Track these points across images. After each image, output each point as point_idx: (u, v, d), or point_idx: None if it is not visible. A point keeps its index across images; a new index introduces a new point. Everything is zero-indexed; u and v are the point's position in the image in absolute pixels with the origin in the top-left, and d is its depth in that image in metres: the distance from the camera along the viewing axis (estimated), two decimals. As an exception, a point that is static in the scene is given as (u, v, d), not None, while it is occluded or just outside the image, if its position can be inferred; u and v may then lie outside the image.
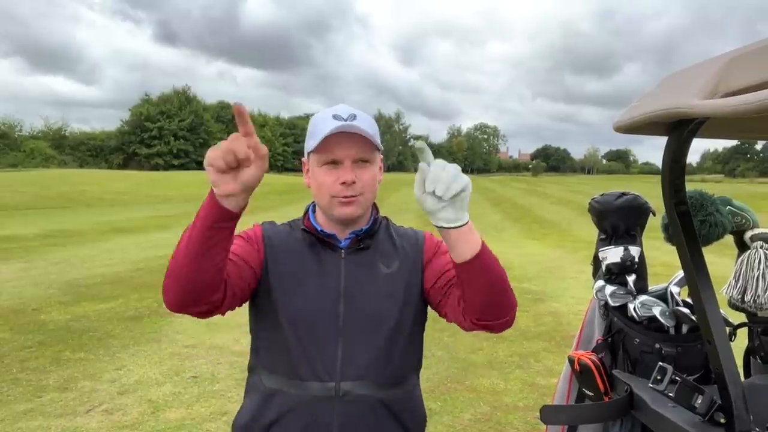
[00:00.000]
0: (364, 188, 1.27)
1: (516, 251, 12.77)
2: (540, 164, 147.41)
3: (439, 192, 1.03)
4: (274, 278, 1.29)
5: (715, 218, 1.66)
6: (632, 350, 1.68)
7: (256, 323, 1.35)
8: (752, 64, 0.93)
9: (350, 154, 1.24)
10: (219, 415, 3.82)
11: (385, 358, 1.28)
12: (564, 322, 6.43)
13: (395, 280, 1.32)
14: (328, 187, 1.26)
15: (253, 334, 1.37)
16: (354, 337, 1.26)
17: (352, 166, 1.25)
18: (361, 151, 1.26)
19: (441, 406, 4.05)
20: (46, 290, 7.65)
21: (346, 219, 1.29)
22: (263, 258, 1.30)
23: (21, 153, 63.37)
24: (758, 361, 1.82)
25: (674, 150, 1.20)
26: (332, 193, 1.26)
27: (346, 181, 1.24)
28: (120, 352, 5.17)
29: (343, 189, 1.25)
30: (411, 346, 1.36)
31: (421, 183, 1.05)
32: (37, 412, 3.87)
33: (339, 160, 1.25)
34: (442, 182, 1.03)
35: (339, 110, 1.27)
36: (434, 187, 1.03)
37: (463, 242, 1.10)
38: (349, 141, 1.23)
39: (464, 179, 1.04)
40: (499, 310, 1.19)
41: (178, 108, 79.66)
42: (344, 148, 1.24)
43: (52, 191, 28.81)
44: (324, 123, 1.24)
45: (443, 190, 1.03)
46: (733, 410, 1.19)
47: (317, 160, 1.27)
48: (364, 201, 1.29)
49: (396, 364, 1.30)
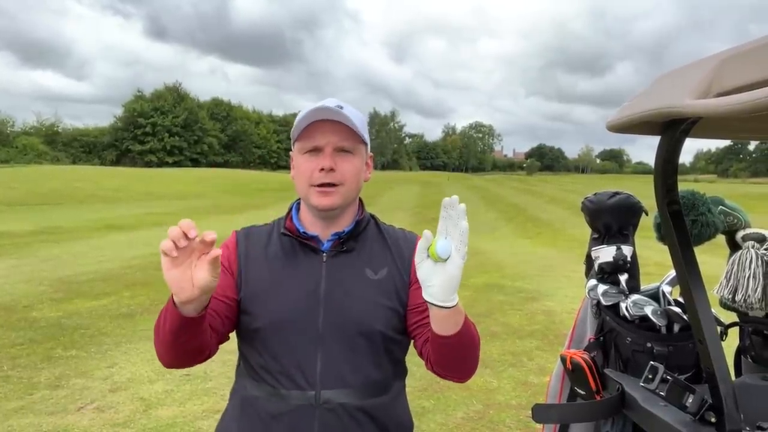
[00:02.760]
0: (344, 178, 1.24)
1: (510, 250, 12.80)
2: (534, 163, 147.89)
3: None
4: (251, 288, 1.26)
5: (707, 218, 1.66)
6: (624, 349, 1.68)
7: (239, 331, 1.32)
8: (745, 64, 0.93)
9: (331, 140, 1.23)
10: (211, 413, 3.81)
11: (368, 365, 1.24)
12: (557, 320, 6.45)
13: (382, 286, 1.28)
14: (307, 175, 1.24)
15: (237, 341, 1.34)
16: (334, 345, 1.22)
17: (332, 154, 1.23)
18: (344, 139, 1.23)
19: (434, 405, 4.06)
20: (38, 287, 7.60)
21: (324, 209, 1.25)
22: (237, 275, 1.28)
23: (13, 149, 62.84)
24: (749, 361, 1.83)
25: (667, 150, 1.20)
26: (311, 181, 1.24)
27: (324, 167, 1.22)
28: (112, 349, 5.15)
29: (321, 176, 1.22)
30: (395, 353, 1.31)
31: (422, 249, 1.04)
32: (28, 409, 3.85)
33: (320, 146, 1.23)
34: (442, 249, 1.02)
35: (327, 101, 1.25)
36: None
37: (446, 321, 1.11)
38: (332, 128, 1.22)
39: (457, 263, 1.03)
40: (463, 372, 1.25)
41: (171, 104, 79.30)
42: (325, 134, 1.22)
43: (45, 188, 28.62)
44: (308, 114, 1.22)
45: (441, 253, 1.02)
46: (724, 409, 1.20)
47: (299, 148, 1.26)
48: (345, 192, 1.25)
49: (379, 372, 1.26)
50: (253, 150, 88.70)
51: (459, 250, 1.02)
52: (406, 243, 1.36)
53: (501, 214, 23.70)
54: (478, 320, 6.42)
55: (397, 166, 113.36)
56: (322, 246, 1.29)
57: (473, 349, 1.21)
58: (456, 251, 1.02)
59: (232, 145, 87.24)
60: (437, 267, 1.04)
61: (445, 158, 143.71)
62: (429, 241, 1.03)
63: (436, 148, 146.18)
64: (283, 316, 1.23)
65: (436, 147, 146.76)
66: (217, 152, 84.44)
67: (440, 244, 1.02)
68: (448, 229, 1.02)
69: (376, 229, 1.38)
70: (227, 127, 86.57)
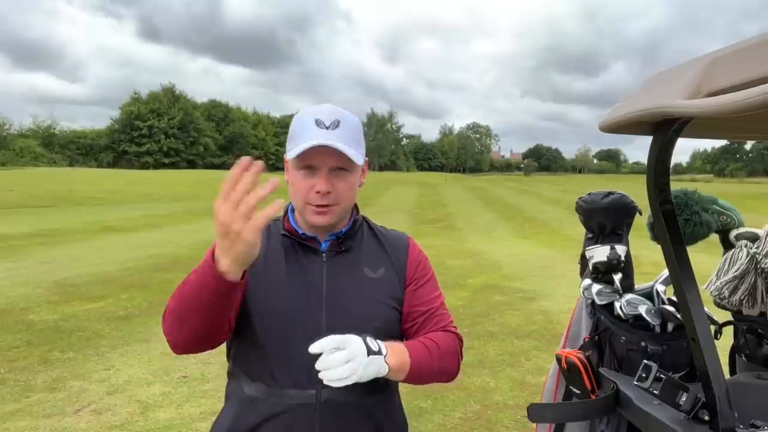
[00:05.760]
0: (339, 198, 1.25)
1: (507, 250, 12.81)
2: (531, 164, 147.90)
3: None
4: (253, 286, 1.25)
5: (700, 217, 1.67)
6: (619, 348, 1.69)
7: (236, 330, 1.29)
8: (734, 64, 0.94)
9: (328, 162, 1.22)
10: (209, 415, 3.81)
11: None
12: (554, 320, 6.46)
13: (380, 285, 1.30)
14: (303, 193, 1.24)
15: (231, 341, 1.32)
16: None
17: (328, 175, 1.22)
18: (340, 160, 1.22)
19: (432, 405, 4.06)
20: (35, 289, 7.58)
21: (320, 227, 1.28)
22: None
23: (10, 151, 62.76)
24: (743, 359, 1.84)
25: (659, 149, 1.20)
26: (306, 200, 1.24)
27: (321, 191, 1.22)
28: (109, 351, 5.14)
29: (317, 198, 1.23)
30: None
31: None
32: (25, 412, 3.84)
33: (316, 167, 1.22)
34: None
35: (323, 115, 1.22)
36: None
37: (393, 376, 1.18)
38: (328, 150, 1.20)
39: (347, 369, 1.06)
40: (441, 379, 1.32)
41: (167, 106, 79.22)
42: (322, 155, 1.20)
43: (42, 190, 28.55)
44: (303, 130, 1.21)
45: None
46: (717, 407, 1.20)
47: (294, 163, 1.25)
48: (340, 210, 1.27)
49: None
50: (250, 152, 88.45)
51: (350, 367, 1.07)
52: (400, 243, 1.39)
53: (499, 215, 23.70)
54: (476, 320, 6.44)
55: (394, 167, 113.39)
56: (321, 246, 1.31)
57: (436, 372, 1.27)
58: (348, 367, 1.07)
59: (229, 146, 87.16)
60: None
61: (443, 159, 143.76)
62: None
63: (433, 148, 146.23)
64: (285, 315, 1.24)
65: (434, 148, 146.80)
66: (214, 154, 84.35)
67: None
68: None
69: (369, 230, 1.40)
70: (224, 129, 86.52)
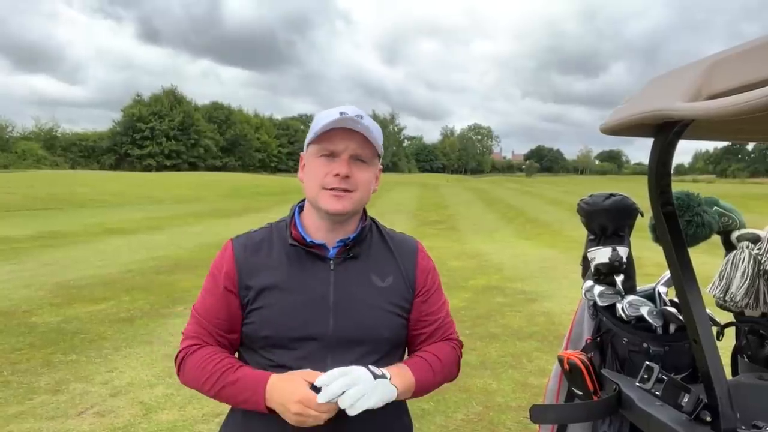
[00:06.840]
0: (358, 185, 1.25)
1: (509, 251, 12.80)
2: (533, 165, 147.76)
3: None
4: (257, 297, 1.25)
5: (702, 218, 1.67)
6: (621, 349, 1.69)
7: (243, 339, 1.30)
8: (734, 67, 0.95)
9: (350, 147, 1.23)
10: (211, 417, 3.82)
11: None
12: (556, 321, 6.46)
13: (388, 294, 1.30)
14: (320, 177, 1.24)
15: (239, 349, 1.33)
16: (344, 352, 1.23)
17: (348, 161, 1.24)
18: (361, 147, 1.24)
19: (434, 407, 4.06)
20: (37, 292, 7.60)
21: (334, 213, 1.25)
22: (238, 288, 1.27)
23: (12, 154, 62.88)
24: (745, 360, 1.84)
25: (660, 152, 1.21)
26: (323, 184, 1.24)
27: (340, 173, 1.22)
28: (112, 354, 5.15)
29: (335, 181, 1.23)
30: (399, 358, 1.35)
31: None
32: (28, 414, 3.85)
33: (337, 152, 1.23)
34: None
35: (347, 108, 1.25)
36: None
37: (400, 397, 1.24)
38: (351, 136, 1.22)
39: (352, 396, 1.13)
40: (444, 383, 1.40)
41: (168, 108, 79.33)
42: (344, 140, 1.22)
43: (44, 192, 28.59)
44: (329, 116, 1.23)
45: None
46: (719, 408, 1.21)
47: (315, 151, 1.25)
48: (356, 199, 1.26)
49: None
50: (253, 154, 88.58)
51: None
52: (409, 249, 1.39)
53: (500, 216, 23.67)
54: (478, 322, 6.43)
55: (396, 169, 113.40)
56: (329, 253, 1.30)
57: (438, 385, 1.35)
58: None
59: (231, 148, 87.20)
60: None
61: (444, 160, 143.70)
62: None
63: (434, 150, 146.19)
64: (293, 323, 1.23)
65: (435, 149, 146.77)
66: (216, 156, 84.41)
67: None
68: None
69: (378, 234, 1.39)
70: (226, 131, 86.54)
